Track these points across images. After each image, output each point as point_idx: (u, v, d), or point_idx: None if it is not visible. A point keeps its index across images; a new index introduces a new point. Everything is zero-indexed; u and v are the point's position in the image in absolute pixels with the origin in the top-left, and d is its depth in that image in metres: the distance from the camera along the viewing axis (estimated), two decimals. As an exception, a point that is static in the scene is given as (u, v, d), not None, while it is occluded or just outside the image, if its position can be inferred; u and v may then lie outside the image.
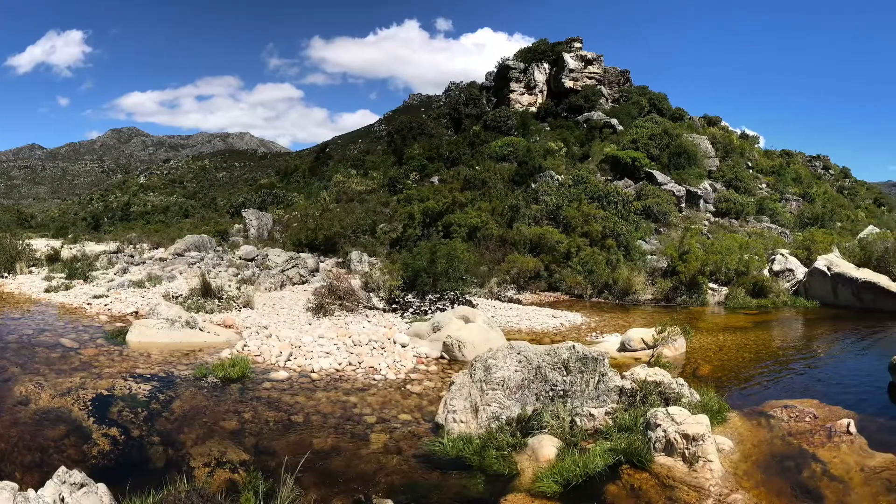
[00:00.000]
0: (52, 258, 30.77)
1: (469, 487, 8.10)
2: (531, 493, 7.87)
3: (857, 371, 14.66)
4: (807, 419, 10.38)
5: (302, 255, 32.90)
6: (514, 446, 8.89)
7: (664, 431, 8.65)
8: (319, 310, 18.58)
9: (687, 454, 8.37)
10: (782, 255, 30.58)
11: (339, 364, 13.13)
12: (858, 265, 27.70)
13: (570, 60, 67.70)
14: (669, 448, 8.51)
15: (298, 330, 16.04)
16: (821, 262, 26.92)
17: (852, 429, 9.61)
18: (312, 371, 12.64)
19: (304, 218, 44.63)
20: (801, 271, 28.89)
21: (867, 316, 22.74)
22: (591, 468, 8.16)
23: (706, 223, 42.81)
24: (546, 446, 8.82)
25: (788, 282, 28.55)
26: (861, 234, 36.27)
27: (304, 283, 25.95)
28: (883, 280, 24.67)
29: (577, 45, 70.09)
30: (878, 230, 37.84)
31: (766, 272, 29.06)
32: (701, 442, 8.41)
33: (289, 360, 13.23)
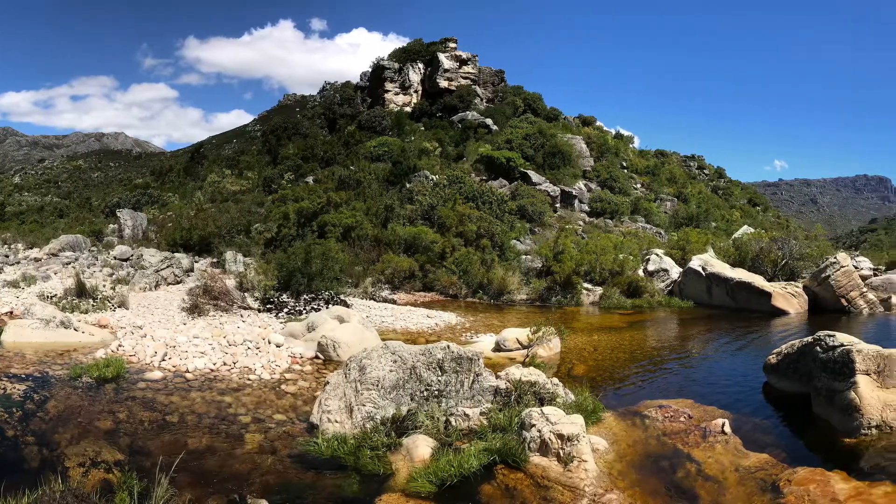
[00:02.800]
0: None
1: (344, 487, 8.12)
2: (406, 493, 7.89)
3: (732, 371, 15.20)
4: (682, 419, 10.68)
5: (177, 255, 32.68)
6: (388, 446, 8.93)
7: (539, 431, 8.74)
8: (194, 310, 18.48)
9: (562, 454, 8.47)
10: (657, 255, 31.52)
11: (214, 364, 13.09)
12: (733, 265, 28.85)
13: (445, 60, 68.22)
14: (544, 448, 8.60)
15: (173, 330, 15.86)
16: (695, 262, 27.85)
17: (727, 429, 9.94)
18: (187, 371, 12.56)
19: (179, 218, 44.06)
20: (675, 271, 29.84)
21: (742, 316, 23.70)
22: (466, 468, 8.21)
23: (581, 223, 43.82)
24: (421, 446, 8.84)
25: (663, 282, 29.46)
26: (736, 235, 37.81)
27: (178, 283, 25.91)
28: (757, 280, 25.71)
29: (452, 45, 70.72)
30: (752, 230, 39.53)
31: (640, 272, 29.93)
32: (576, 442, 8.52)
33: (164, 360, 13.08)
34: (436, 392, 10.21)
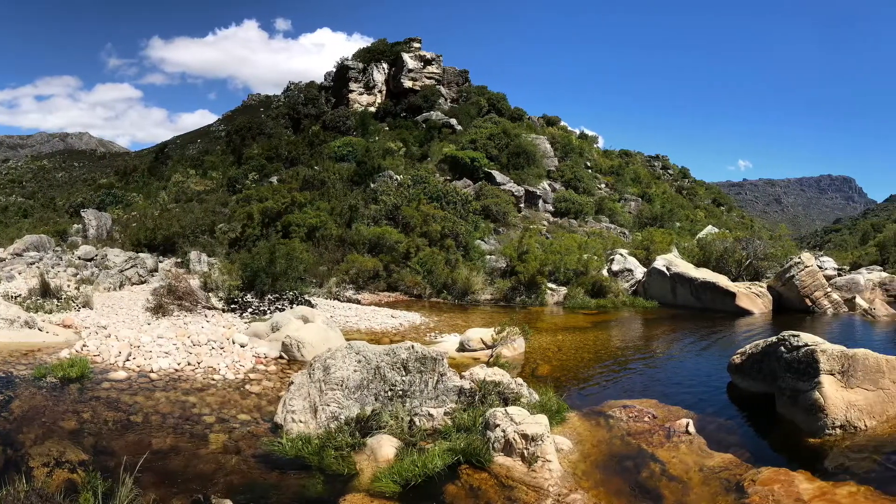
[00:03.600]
0: None
1: (308, 487, 8.12)
2: (370, 493, 7.89)
3: (697, 371, 15.30)
4: (646, 419, 10.73)
5: (141, 255, 32.58)
6: (353, 446, 8.94)
7: (503, 431, 8.74)
8: (158, 310, 18.40)
9: (526, 454, 8.48)
10: (621, 255, 31.70)
11: (179, 364, 13.07)
12: (697, 265, 29.09)
13: (409, 60, 68.26)
14: (509, 448, 8.60)
15: (137, 330, 15.75)
16: (660, 262, 28.04)
17: (691, 429, 9.99)
18: (152, 371, 12.52)
19: (143, 218, 44.04)
20: (640, 271, 30.03)
21: (706, 316, 23.93)
22: (431, 468, 8.22)
23: (545, 223, 43.96)
24: (385, 446, 8.85)
25: (627, 282, 29.63)
26: (700, 234, 38.13)
27: (143, 283, 25.92)
28: (721, 280, 25.94)
29: (416, 45, 70.76)
30: (716, 230, 39.92)
31: (605, 272, 30.07)
32: (540, 442, 8.54)
33: (128, 360, 13.02)
34: (400, 392, 10.22)
